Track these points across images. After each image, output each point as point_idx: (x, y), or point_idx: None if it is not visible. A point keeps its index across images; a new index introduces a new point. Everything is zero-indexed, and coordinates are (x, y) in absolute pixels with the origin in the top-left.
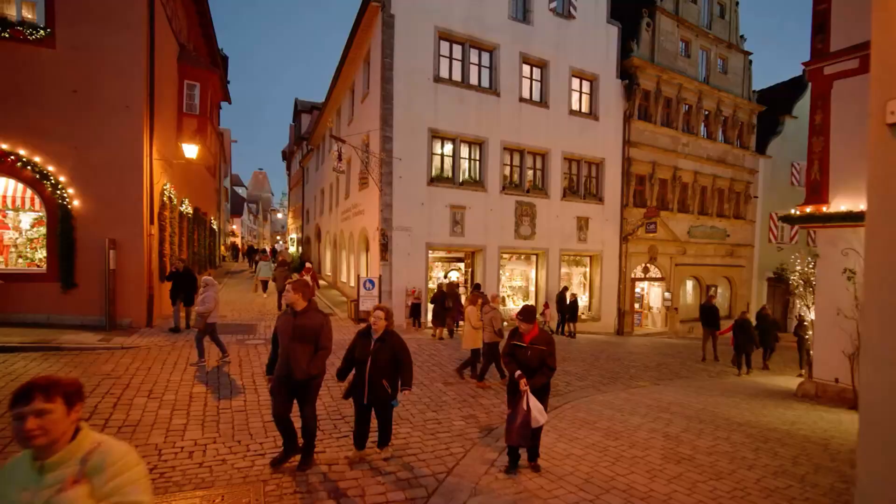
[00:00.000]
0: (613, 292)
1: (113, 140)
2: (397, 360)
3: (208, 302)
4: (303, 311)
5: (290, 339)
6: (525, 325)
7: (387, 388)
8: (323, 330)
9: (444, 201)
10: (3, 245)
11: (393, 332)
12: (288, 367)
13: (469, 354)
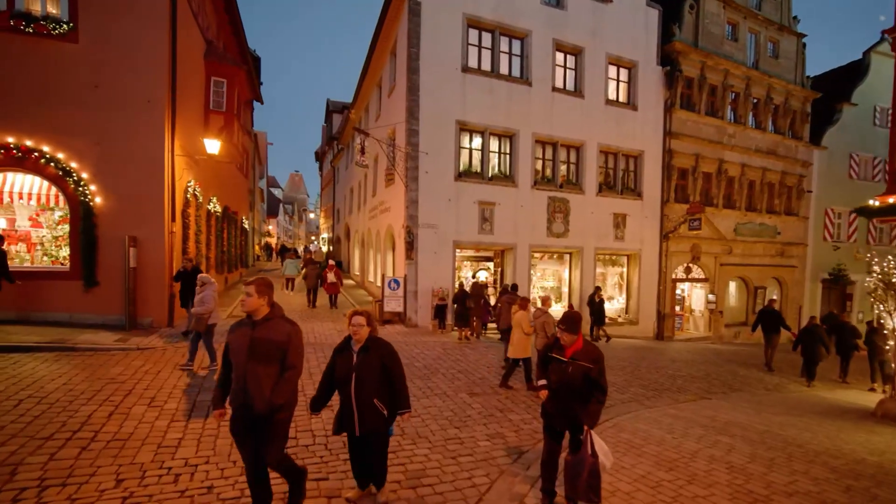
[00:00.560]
0: (652, 294)
1: (134, 135)
2: (388, 372)
3: (207, 301)
4: (264, 321)
5: (247, 357)
6: (568, 335)
7: (381, 410)
8: (291, 344)
9: (473, 197)
10: (31, 243)
11: (378, 340)
12: (245, 395)
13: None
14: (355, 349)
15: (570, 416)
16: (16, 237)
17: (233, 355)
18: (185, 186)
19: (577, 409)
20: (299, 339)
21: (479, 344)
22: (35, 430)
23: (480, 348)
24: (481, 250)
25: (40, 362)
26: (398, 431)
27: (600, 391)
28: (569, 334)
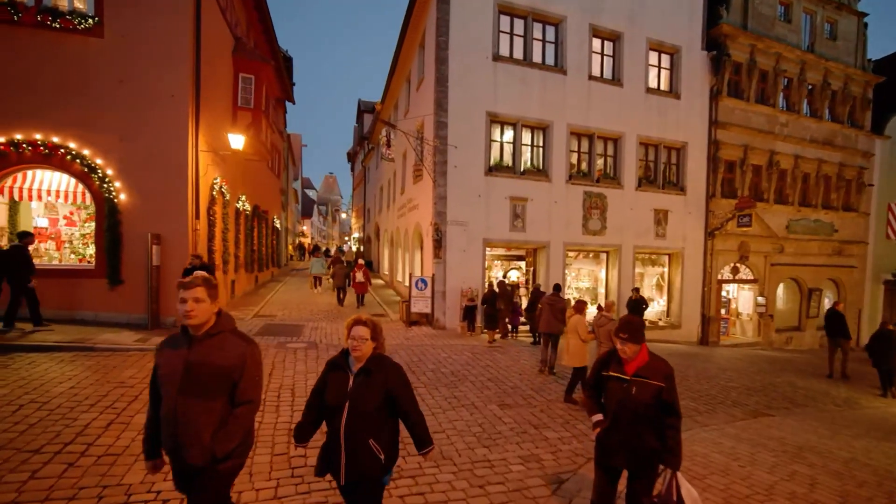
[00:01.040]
0: (696, 296)
1: (158, 131)
2: (394, 404)
3: None
4: (206, 336)
5: (178, 388)
6: (631, 346)
7: (377, 454)
8: (245, 370)
9: (504, 193)
10: (60, 241)
11: (384, 360)
12: (175, 441)
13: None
14: (353, 369)
15: (637, 451)
16: (46, 235)
17: (161, 385)
18: (211, 183)
19: (648, 442)
20: (257, 364)
21: (509, 347)
22: (26, 441)
23: (512, 353)
24: (512, 249)
25: (55, 363)
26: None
27: (675, 416)
28: (631, 344)
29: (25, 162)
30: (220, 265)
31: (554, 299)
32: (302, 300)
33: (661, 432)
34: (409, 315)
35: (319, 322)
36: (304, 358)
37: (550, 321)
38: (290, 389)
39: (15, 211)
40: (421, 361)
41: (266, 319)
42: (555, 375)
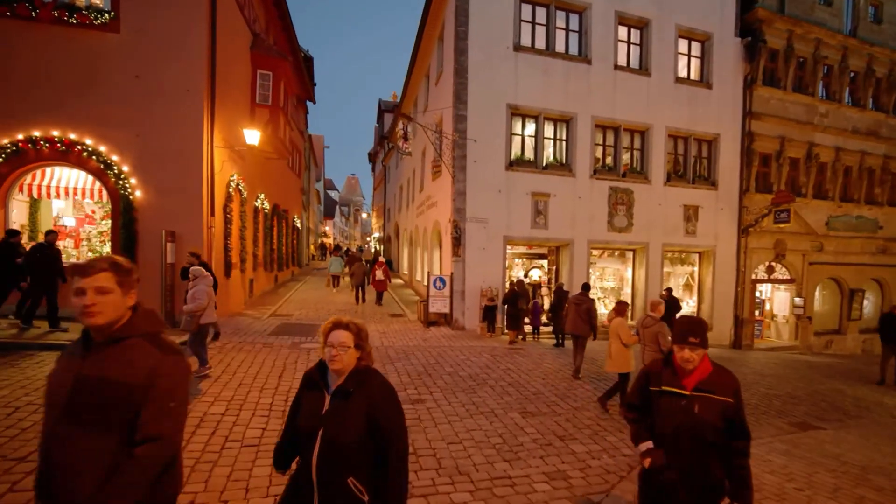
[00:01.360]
0: (729, 296)
1: (173, 126)
2: (379, 433)
3: (198, 298)
4: (109, 341)
5: (60, 412)
6: (691, 352)
7: (359, 497)
8: (155, 391)
9: (525, 188)
10: (78, 238)
11: (370, 375)
12: (47, 488)
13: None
14: (332, 385)
15: (702, 485)
16: (65, 233)
17: (45, 408)
18: (228, 180)
19: (714, 473)
20: (174, 384)
21: (531, 349)
22: (14, 448)
23: (534, 355)
24: (534, 246)
25: None
26: (433, 464)
27: (745, 439)
28: (693, 349)
29: (43, 159)
30: (237, 263)
31: (580, 299)
32: (320, 299)
33: (728, 460)
34: (427, 315)
35: None
36: (317, 359)
37: (576, 322)
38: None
39: (35, 209)
40: (438, 364)
41: (282, 319)
42: (580, 380)
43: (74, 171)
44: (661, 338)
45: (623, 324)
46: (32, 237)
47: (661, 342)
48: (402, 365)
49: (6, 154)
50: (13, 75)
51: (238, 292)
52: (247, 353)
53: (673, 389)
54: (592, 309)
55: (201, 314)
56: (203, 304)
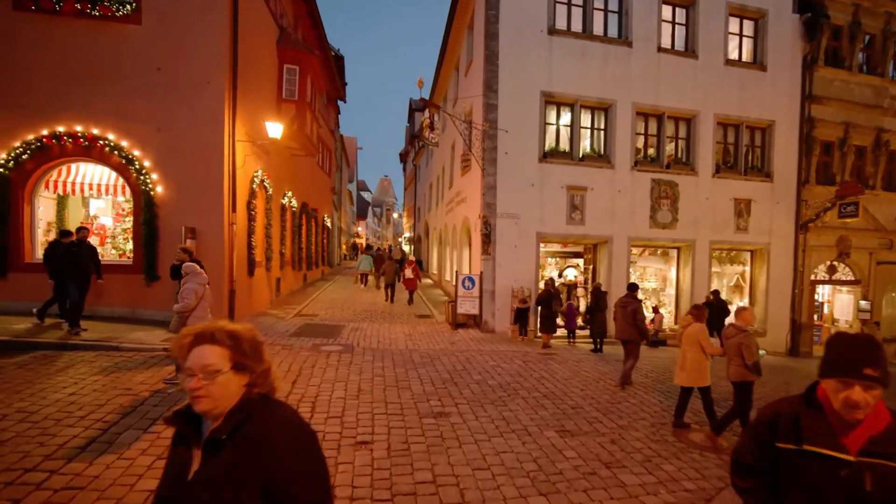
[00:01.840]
0: (784, 299)
1: (193, 119)
2: None
3: (186, 297)
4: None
5: None
6: (865, 392)
7: None
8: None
9: (560, 181)
10: (104, 235)
11: (266, 410)
12: None
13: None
14: (206, 432)
15: None
16: (92, 230)
17: None
18: (252, 176)
19: None
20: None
21: (566, 355)
22: None
23: (570, 362)
24: (569, 244)
25: (72, 363)
26: (455, 497)
27: None
28: (870, 388)
29: (67, 155)
30: (262, 262)
31: (626, 300)
32: (347, 299)
33: None
34: (455, 316)
35: (361, 322)
36: (336, 364)
37: (624, 326)
38: (310, 402)
39: (63, 206)
40: (466, 371)
41: (307, 319)
42: (631, 386)
43: (98, 167)
44: (746, 350)
45: (704, 331)
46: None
47: (745, 354)
48: (426, 371)
49: (31, 150)
50: (37, 70)
51: (263, 291)
52: None
53: (826, 451)
54: (638, 311)
55: (188, 315)
56: (190, 303)
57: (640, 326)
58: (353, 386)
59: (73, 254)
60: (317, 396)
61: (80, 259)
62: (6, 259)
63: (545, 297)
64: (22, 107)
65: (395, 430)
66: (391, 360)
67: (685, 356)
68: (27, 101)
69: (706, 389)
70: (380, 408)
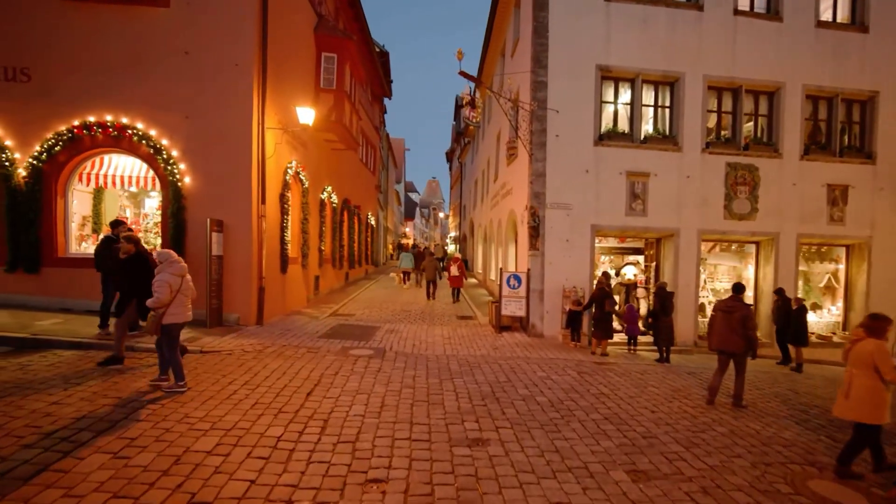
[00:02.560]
0: (890, 302)
1: (221, 105)
2: None
3: (159, 289)
4: None
5: None
6: None
7: None
8: None
9: (619, 167)
10: (137, 230)
11: None
12: None
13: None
14: None
15: None
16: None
17: None
18: (285, 167)
19: None
20: None
21: (627, 365)
22: None
23: (633, 374)
24: (628, 239)
25: (77, 362)
26: None
27: None
28: None
29: (98, 145)
30: (298, 258)
31: (732, 305)
32: (387, 298)
33: None
34: (499, 318)
35: (398, 324)
36: (363, 371)
37: (726, 335)
38: (321, 421)
39: (99, 200)
40: (510, 382)
41: (341, 319)
42: (742, 408)
43: (130, 158)
44: None
45: (882, 350)
46: (95, 230)
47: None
48: (463, 383)
49: (63, 141)
50: (65, 58)
51: (298, 289)
52: (284, 360)
53: None
54: (749, 317)
55: (164, 312)
56: (162, 297)
57: (752, 336)
58: (375, 400)
59: (109, 251)
60: (331, 413)
61: (114, 256)
62: (40, 254)
63: (599, 295)
64: (53, 97)
65: (417, 464)
66: (424, 368)
67: (852, 380)
68: (58, 92)
69: (873, 429)
70: (403, 430)
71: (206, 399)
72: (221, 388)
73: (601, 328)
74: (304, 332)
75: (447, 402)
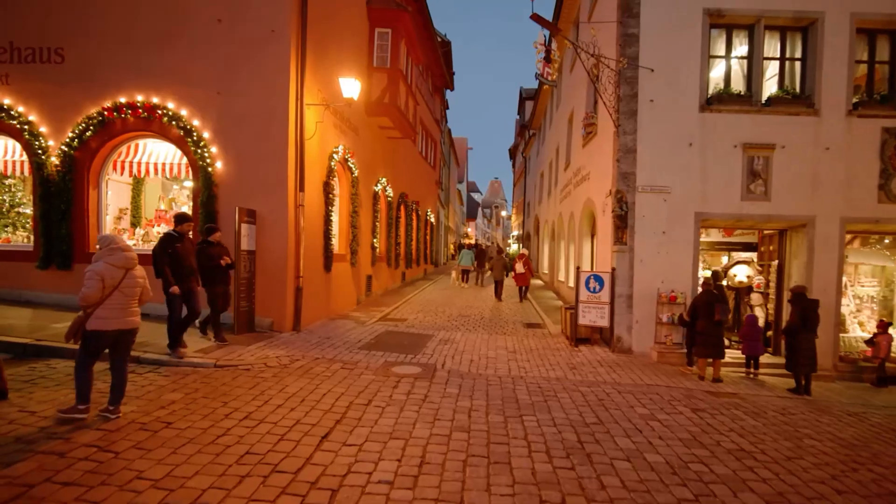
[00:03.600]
0: None
1: (255, 78)
2: None
3: (88, 283)
4: None
5: None
6: None
7: None
8: None
9: (732, 138)
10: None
11: None
12: None
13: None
14: None
15: None
16: (165, 218)
17: None
18: (330, 153)
19: None
20: None
21: (756, 399)
22: None
23: (770, 414)
24: (744, 230)
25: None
26: None
27: None
28: None
29: (129, 129)
30: (346, 255)
31: None
32: (445, 301)
33: None
34: (575, 328)
35: (454, 331)
36: (403, 399)
37: None
38: (328, 493)
39: (138, 191)
40: (601, 425)
41: (391, 325)
42: None
43: (163, 144)
44: None
45: None
46: (134, 223)
47: None
48: (536, 423)
49: (94, 125)
50: (98, 35)
51: (346, 290)
52: (310, 380)
53: None
54: None
55: (91, 312)
56: (89, 294)
57: None
58: (414, 452)
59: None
60: (345, 476)
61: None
62: (72, 249)
63: (704, 301)
64: (86, 79)
65: None
66: (484, 397)
67: None
68: (91, 73)
69: None
70: None
71: (179, 444)
72: (211, 424)
73: (711, 344)
74: (345, 341)
75: (516, 459)
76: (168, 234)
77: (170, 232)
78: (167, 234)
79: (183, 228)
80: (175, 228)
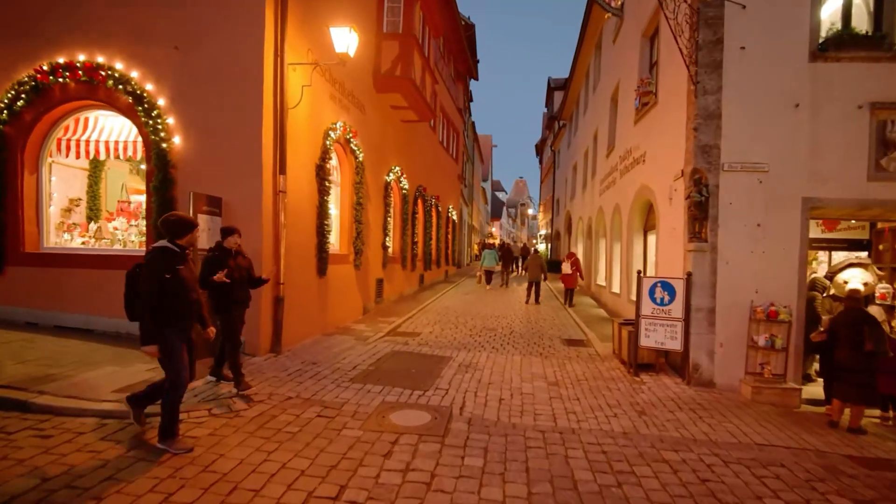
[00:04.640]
0: None
1: (223, 28)
2: None
3: None
4: None
5: None
6: None
7: None
8: None
9: (856, 96)
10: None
11: None
12: None
13: None
14: None
15: None
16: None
17: None
18: (326, 129)
19: None
20: None
21: None
22: None
23: None
24: (850, 225)
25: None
26: None
27: None
28: None
29: (70, 98)
30: (347, 255)
31: None
32: (467, 308)
33: None
34: (635, 351)
35: (477, 351)
36: (397, 483)
37: None
38: None
39: (96, 178)
40: None
41: (399, 342)
42: None
43: (117, 117)
44: None
45: None
46: (91, 217)
47: None
48: None
49: (26, 93)
50: None
51: (349, 297)
52: (265, 440)
53: None
54: None
55: None
56: None
57: None
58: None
59: None
60: None
61: None
62: (3, 249)
63: (849, 321)
64: (13, 34)
65: None
66: (524, 477)
67: None
68: (19, 26)
69: None
70: None
71: None
72: None
73: (858, 384)
74: (336, 367)
75: None
76: (161, 248)
77: (164, 245)
78: (160, 250)
79: (231, 243)
80: (223, 242)
